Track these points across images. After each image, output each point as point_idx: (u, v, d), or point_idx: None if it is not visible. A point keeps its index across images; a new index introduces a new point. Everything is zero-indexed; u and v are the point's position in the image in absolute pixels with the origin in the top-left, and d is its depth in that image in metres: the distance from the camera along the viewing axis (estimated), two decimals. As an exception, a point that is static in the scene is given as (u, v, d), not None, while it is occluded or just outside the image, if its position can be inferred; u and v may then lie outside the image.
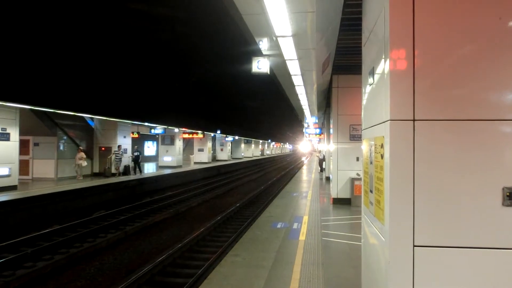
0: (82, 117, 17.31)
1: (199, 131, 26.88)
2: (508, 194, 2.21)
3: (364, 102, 3.44)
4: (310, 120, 23.48)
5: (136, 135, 24.69)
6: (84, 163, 15.98)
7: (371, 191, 2.94)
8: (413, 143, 2.32)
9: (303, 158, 64.70)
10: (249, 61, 7.50)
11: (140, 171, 19.25)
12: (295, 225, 7.72)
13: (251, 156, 49.84)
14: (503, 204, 2.22)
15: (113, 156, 17.73)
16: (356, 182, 10.04)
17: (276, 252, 5.81)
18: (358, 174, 10.13)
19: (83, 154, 16.00)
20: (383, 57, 2.51)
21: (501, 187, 2.22)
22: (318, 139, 27.76)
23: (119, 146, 18.11)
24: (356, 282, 4.40)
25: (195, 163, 29.26)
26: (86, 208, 12.31)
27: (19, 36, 9.47)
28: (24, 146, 14.99)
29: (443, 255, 2.27)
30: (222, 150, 37.40)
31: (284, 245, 6.21)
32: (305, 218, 8.42)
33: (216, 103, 24.09)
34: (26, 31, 9.55)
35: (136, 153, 19.04)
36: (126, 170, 18.52)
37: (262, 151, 61.83)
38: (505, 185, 2.22)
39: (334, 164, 10.91)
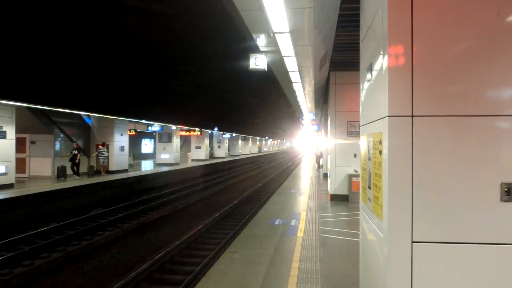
0: (79, 114, 17.18)
1: (197, 128, 26.81)
2: (506, 189, 2.21)
3: (362, 98, 3.43)
4: (308, 116, 23.48)
5: (133, 133, 24.60)
6: None
7: (369, 188, 2.94)
8: (411, 139, 2.31)
9: (300, 156, 64.75)
10: (247, 58, 7.46)
11: (76, 173, 15.12)
12: (293, 222, 7.72)
13: (249, 153, 49.82)
14: (501, 200, 2.22)
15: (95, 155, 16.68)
16: (354, 179, 10.06)
17: (274, 249, 5.81)
18: (355, 171, 10.14)
19: None
20: (381, 53, 2.50)
21: (499, 183, 2.22)
22: (315, 135, 27.78)
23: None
24: (354, 278, 4.41)
25: (193, 160, 29.21)
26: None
27: (15, 34, 9.39)
28: (20, 144, 14.89)
29: (442, 251, 2.28)
30: (219, 147, 37.34)
31: (282, 242, 6.21)
32: (303, 215, 8.43)
33: (214, 100, 24.01)
34: (22, 29, 9.47)
35: (74, 152, 15.16)
36: (60, 172, 14.78)
37: (260, 148, 61.81)
38: (503, 180, 2.22)
39: (331, 161, 10.92)
